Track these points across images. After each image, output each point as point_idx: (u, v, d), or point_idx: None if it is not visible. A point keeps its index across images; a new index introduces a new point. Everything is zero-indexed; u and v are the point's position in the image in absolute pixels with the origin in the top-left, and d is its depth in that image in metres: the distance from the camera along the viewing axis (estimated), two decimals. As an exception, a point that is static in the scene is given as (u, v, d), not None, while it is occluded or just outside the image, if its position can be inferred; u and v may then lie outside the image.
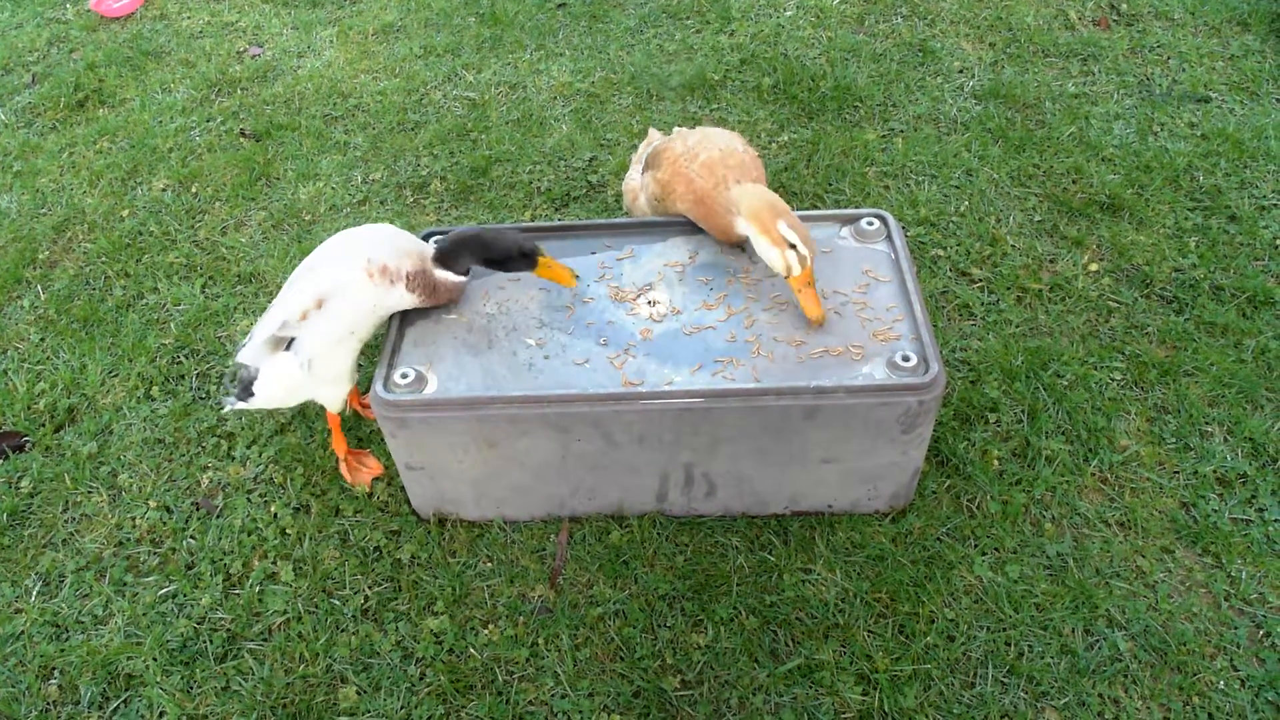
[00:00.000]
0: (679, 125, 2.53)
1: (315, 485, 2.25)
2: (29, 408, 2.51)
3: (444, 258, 2.00)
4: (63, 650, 2.01)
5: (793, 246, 1.89)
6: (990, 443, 2.22)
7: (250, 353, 1.98)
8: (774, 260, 1.92)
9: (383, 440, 2.23)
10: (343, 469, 2.23)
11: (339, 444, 2.22)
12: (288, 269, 2.80)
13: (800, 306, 1.95)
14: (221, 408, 2.27)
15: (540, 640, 1.95)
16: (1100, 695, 1.82)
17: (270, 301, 2.12)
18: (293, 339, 1.96)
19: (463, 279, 2.04)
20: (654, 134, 2.53)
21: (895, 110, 3.23)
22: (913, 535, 2.06)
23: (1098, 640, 1.89)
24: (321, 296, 1.93)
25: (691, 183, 2.08)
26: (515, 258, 1.99)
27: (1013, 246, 2.70)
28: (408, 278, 1.96)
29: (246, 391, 2.03)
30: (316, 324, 1.94)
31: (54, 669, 1.99)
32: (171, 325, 2.69)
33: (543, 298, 2.09)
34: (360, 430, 2.35)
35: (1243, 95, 3.18)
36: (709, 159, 2.07)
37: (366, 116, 3.41)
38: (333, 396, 2.10)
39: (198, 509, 2.24)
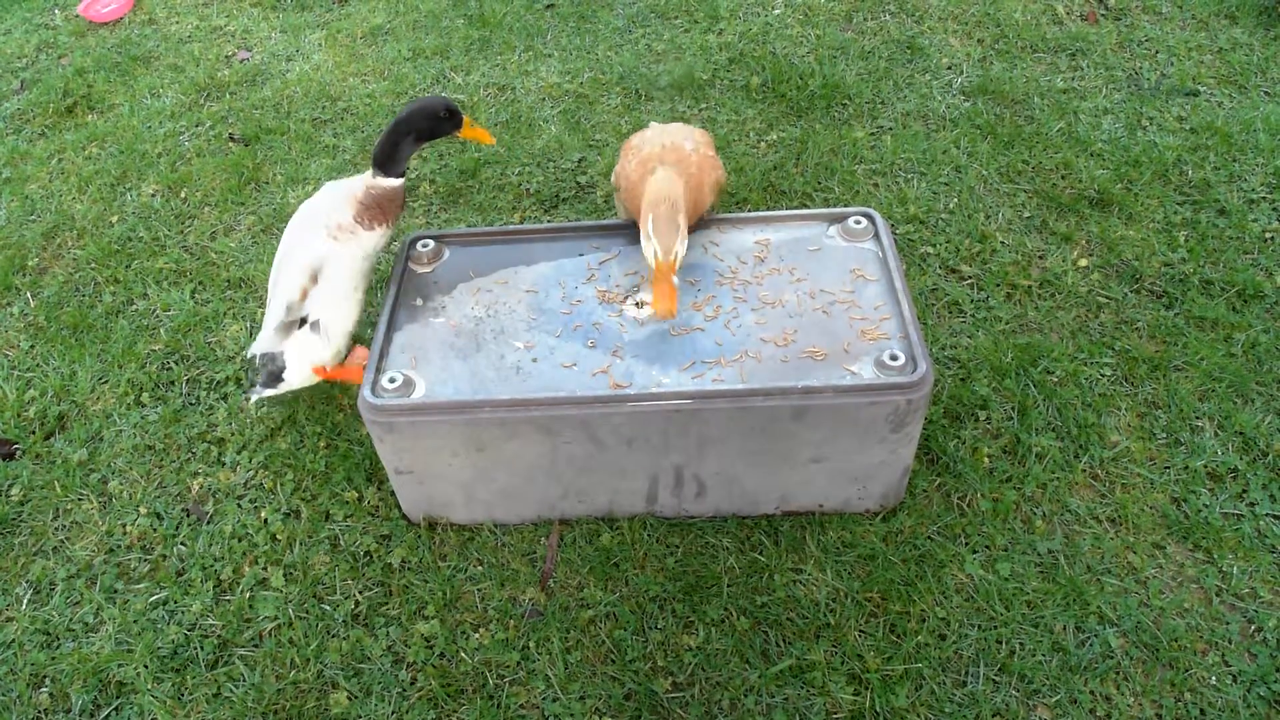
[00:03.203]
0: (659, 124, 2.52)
1: (305, 490, 2.25)
2: (19, 415, 2.50)
3: (384, 164, 2.08)
4: (53, 658, 2.01)
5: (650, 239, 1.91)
6: (980, 440, 2.22)
7: (265, 342, 2.12)
8: (644, 248, 1.94)
9: (371, 443, 2.22)
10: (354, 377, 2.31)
11: (356, 375, 2.27)
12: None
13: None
14: (248, 399, 2.36)
15: (531, 643, 1.94)
16: (1092, 692, 1.82)
17: (266, 300, 2.26)
18: (303, 318, 2.11)
19: (398, 182, 2.10)
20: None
21: (884, 108, 3.22)
22: (903, 534, 2.06)
23: (1089, 637, 1.89)
24: (313, 269, 2.07)
25: (629, 178, 2.08)
26: (444, 119, 2.08)
27: (1002, 243, 2.70)
28: (355, 220, 2.08)
29: (275, 379, 2.15)
30: (320, 296, 2.09)
31: (45, 677, 1.99)
32: (161, 331, 2.68)
33: (530, 300, 2.08)
34: (353, 434, 2.35)
35: (1231, 88, 3.18)
36: (649, 154, 2.06)
37: (355, 119, 3.41)
38: (328, 356, 2.18)
39: (188, 515, 2.24)
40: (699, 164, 2.07)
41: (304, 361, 2.15)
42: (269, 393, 2.17)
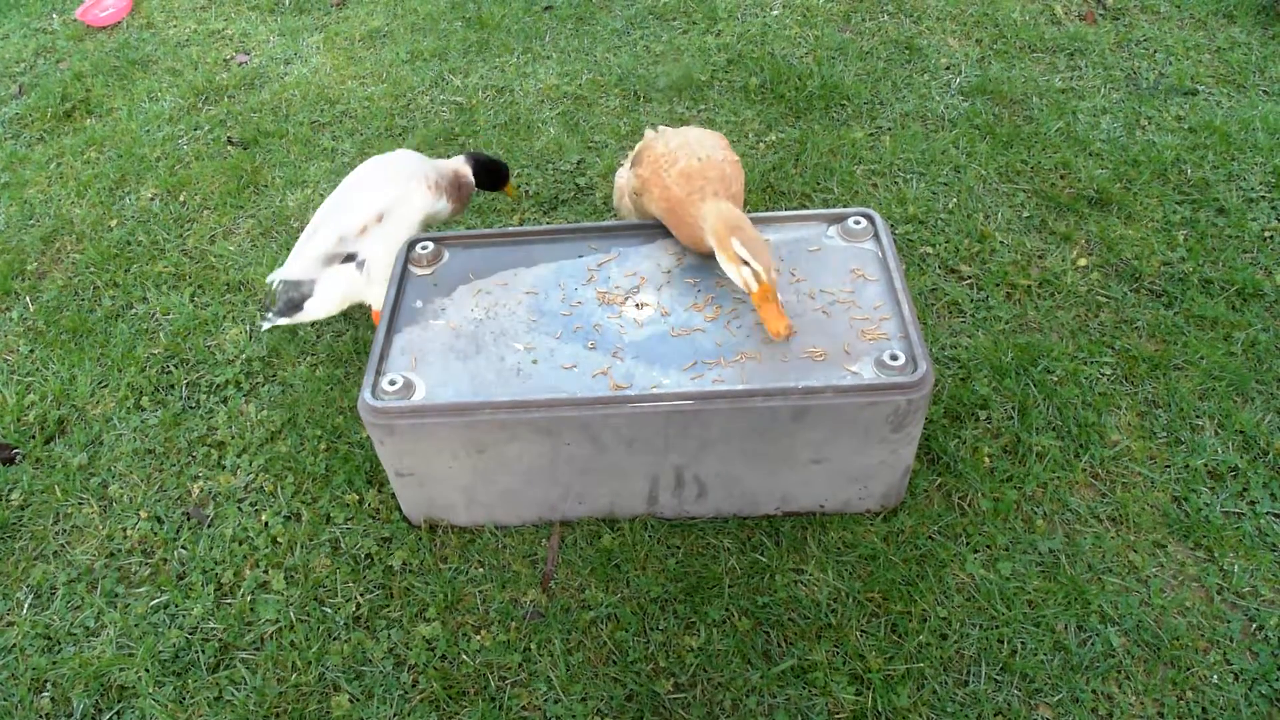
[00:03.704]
0: (664, 125, 2.52)
1: (306, 493, 2.24)
2: (19, 420, 2.50)
3: (477, 170, 2.51)
4: (55, 663, 2.01)
5: (746, 263, 1.87)
6: (981, 440, 2.22)
7: (300, 268, 2.24)
8: (733, 277, 1.91)
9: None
10: None
11: None
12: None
13: (762, 322, 1.92)
14: (263, 324, 2.40)
15: (532, 645, 1.94)
16: (1094, 691, 1.82)
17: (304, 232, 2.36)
18: (349, 253, 2.26)
19: (472, 178, 2.52)
20: (649, 134, 2.52)
21: (882, 108, 3.23)
22: (904, 534, 2.06)
23: (1090, 636, 1.89)
24: (382, 211, 2.27)
25: (668, 190, 2.05)
26: (498, 185, 2.63)
27: (1001, 243, 2.70)
28: (445, 189, 2.40)
29: (295, 308, 2.26)
30: (379, 235, 2.27)
31: (46, 682, 1.98)
32: (160, 335, 2.68)
33: (530, 301, 2.08)
34: (353, 436, 2.35)
35: (1229, 88, 3.19)
36: (687, 168, 2.03)
37: (354, 122, 3.41)
38: (380, 295, 2.34)
39: (189, 519, 2.24)
40: (733, 174, 2.06)
41: (333, 293, 2.26)
42: (283, 321, 2.24)
